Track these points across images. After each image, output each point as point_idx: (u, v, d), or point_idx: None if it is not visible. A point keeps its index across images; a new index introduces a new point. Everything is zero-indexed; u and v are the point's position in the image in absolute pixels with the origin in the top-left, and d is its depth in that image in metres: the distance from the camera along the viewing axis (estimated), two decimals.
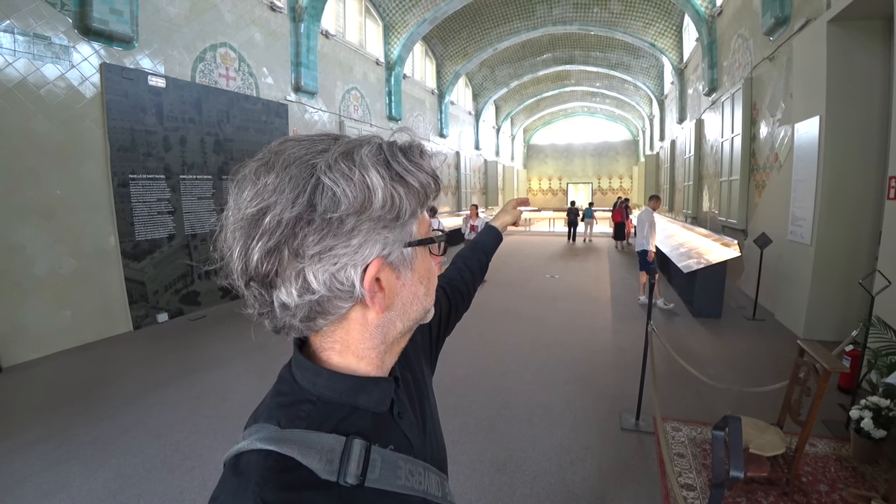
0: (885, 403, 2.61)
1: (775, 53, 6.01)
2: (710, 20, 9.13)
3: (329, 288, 0.45)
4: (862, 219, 4.49)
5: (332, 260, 0.44)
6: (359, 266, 0.46)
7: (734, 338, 4.96)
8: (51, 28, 4.40)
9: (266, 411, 0.51)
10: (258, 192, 0.44)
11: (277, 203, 0.43)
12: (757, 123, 6.82)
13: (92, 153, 4.83)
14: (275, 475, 0.43)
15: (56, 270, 4.55)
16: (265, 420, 0.49)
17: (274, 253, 0.43)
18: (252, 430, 0.49)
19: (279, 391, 0.53)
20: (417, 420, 0.62)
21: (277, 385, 0.55)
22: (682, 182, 12.43)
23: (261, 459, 0.45)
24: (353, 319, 0.50)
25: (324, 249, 0.44)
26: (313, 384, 0.52)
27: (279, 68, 7.64)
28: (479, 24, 13.82)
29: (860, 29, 4.33)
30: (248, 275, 0.46)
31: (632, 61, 16.15)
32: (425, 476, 0.55)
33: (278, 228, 0.43)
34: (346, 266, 0.45)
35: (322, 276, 0.45)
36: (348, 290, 0.46)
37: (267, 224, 0.43)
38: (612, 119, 27.23)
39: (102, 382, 3.84)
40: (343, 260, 0.45)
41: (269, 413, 0.50)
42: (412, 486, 0.52)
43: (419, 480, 0.54)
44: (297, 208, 0.43)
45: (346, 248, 0.44)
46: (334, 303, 0.47)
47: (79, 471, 2.62)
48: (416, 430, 0.60)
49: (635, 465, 2.68)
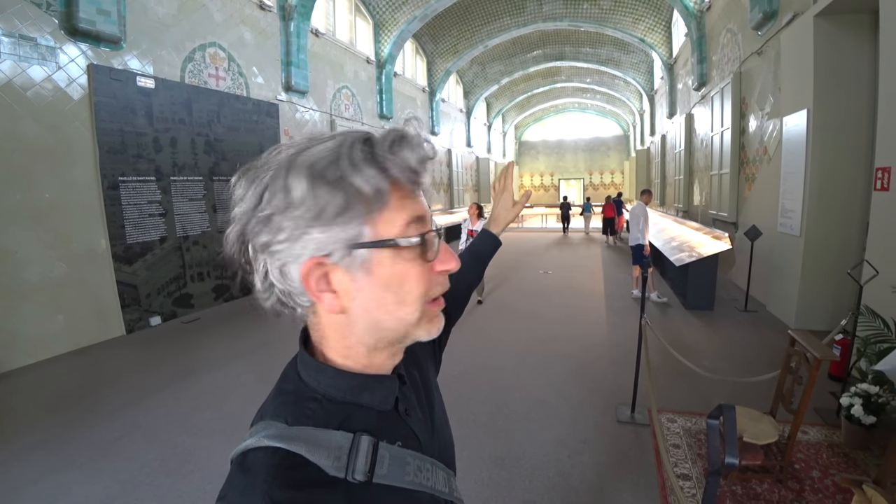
0: (875, 390, 2.67)
1: (763, 48, 6.07)
2: (698, 15, 9.19)
3: (281, 281, 0.49)
4: (850, 210, 4.56)
5: (276, 255, 0.48)
6: (297, 263, 0.47)
7: (727, 329, 5.02)
8: (37, 29, 4.34)
9: (272, 409, 0.51)
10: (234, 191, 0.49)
11: (242, 199, 0.48)
12: (746, 117, 6.89)
13: (81, 156, 4.78)
14: (283, 472, 0.44)
15: (48, 275, 4.51)
16: (272, 417, 0.50)
17: (240, 239, 0.49)
18: (259, 427, 0.49)
19: (284, 389, 0.54)
20: (425, 417, 0.62)
21: (282, 383, 0.55)
22: (673, 176, 12.52)
23: (268, 457, 0.45)
24: (325, 317, 0.52)
25: (267, 243, 0.47)
26: (318, 382, 0.52)
27: (269, 68, 7.59)
28: (469, 22, 13.80)
29: (846, 23, 4.39)
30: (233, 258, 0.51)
31: (622, 57, 16.21)
32: (433, 472, 0.56)
33: (241, 218, 0.48)
34: (287, 262, 0.48)
35: (274, 270, 0.49)
36: (298, 286, 0.49)
37: (236, 212, 0.48)
38: (602, 115, 27.32)
39: (98, 387, 3.81)
40: (282, 256, 0.48)
41: (276, 410, 0.51)
42: (420, 482, 0.52)
43: (427, 476, 0.54)
44: (247, 204, 0.47)
45: (279, 244, 0.47)
46: (294, 297, 0.50)
47: (76, 477, 2.61)
48: (424, 426, 0.60)
49: (632, 457, 2.72)
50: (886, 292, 2.96)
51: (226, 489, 0.45)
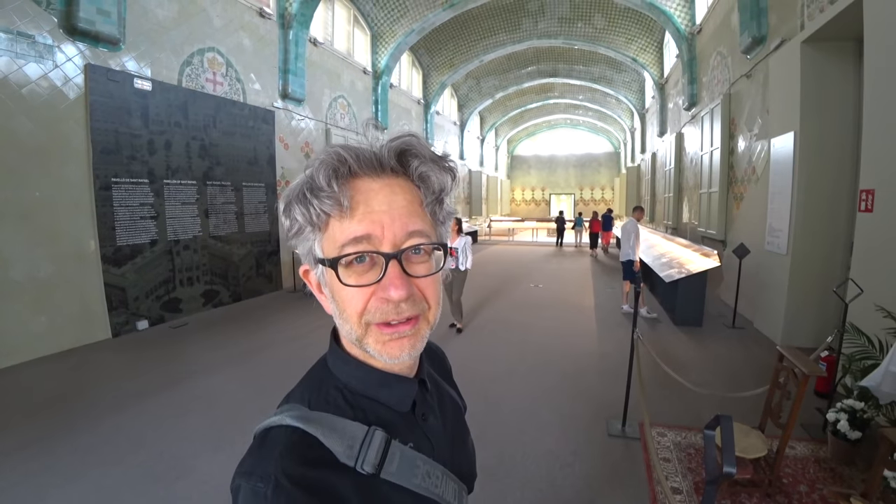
0: (860, 406, 2.72)
1: (752, 71, 6.24)
2: (690, 38, 9.44)
3: None
4: (835, 230, 4.67)
5: None
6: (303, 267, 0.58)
7: (715, 345, 5.08)
8: (35, 26, 4.32)
9: (300, 391, 0.56)
10: None
11: None
12: (735, 137, 7.05)
13: (74, 155, 4.73)
14: (297, 449, 0.47)
15: (34, 275, 4.43)
16: (297, 400, 0.54)
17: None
18: (285, 407, 0.53)
19: (313, 374, 0.58)
20: (444, 427, 0.63)
21: (312, 369, 0.60)
22: (663, 193, 12.72)
23: (287, 434, 0.49)
24: None
25: None
26: (342, 372, 0.56)
27: (267, 74, 7.61)
28: (465, 36, 14.01)
29: (832, 50, 4.54)
30: None
31: (614, 75, 16.54)
32: (443, 481, 0.56)
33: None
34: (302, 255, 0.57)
35: None
36: None
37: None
38: (594, 131, 27.74)
39: (82, 390, 3.73)
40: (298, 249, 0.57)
41: (302, 393, 0.55)
42: (428, 487, 0.53)
43: (436, 483, 0.54)
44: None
45: None
46: None
47: (57, 482, 2.54)
48: (441, 436, 0.61)
49: (623, 471, 2.72)
50: (871, 310, 3.02)
51: (245, 458, 0.49)
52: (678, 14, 9.53)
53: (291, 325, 5.75)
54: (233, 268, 6.90)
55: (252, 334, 5.30)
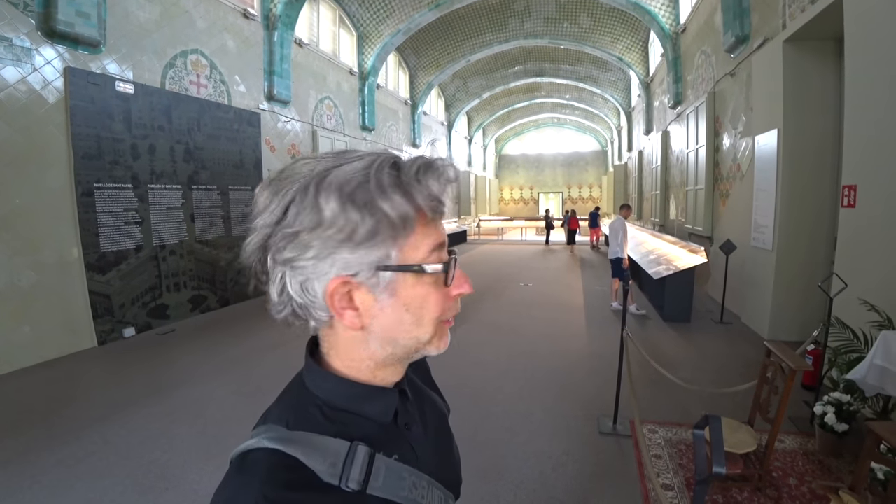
0: (847, 399, 2.76)
1: (736, 70, 6.33)
2: (674, 37, 9.54)
3: (301, 295, 0.49)
4: (819, 225, 4.75)
5: (299, 270, 0.48)
6: (322, 280, 0.48)
7: (704, 341, 5.13)
8: (12, 29, 4.22)
9: (276, 412, 0.53)
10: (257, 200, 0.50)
11: (265, 210, 0.49)
12: (720, 135, 7.14)
13: (55, 160, 4.63)
14: (278, 473, 0.45)
15: (14, 284, 4.32)
16: (274, 421, 0.51)
17: (261, 251, 0.49)
18: (261, 429, 0.50)
19: (289, 394, 0.56)
20: (427, 435, 0.62)
21: (289, 387, 0.57)
22: (650, 191, 12.84)
23: (266, 458, 0.46)
24: (339, 330, 0.53)
25: (291, 258, 0.48)
26: (321, 389, 0.53)
27: (252, 76, 7.53)
28: (452, 36, 14.02)
29: (813, 49, 4.62)
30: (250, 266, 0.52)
31: (600, 74, 16.66)
32: (429, 491, 0.55)
33: (263, 229, 0.48)
34: (310, 279, 0.48)
35: (294, 284, 0.49)
36: (319, 301, 0.49)
37: (258, 223, 0.49)
38: (581, 130, 27.93)
39: (66, 401, 3.65)
40: (306, 272, 0.48)
41: (280, 414, 0.52)
42: (415, 498, 0.52)
43: (422, 494, 0.54)
44: (270, 216, 0.48)
45: (305, 260, 0.48)
46: (311, 311, 0.50)
47: (43, 497, 2.48)
48: (424, 443, 0.60)
49: (615, 468, 2.74)
50: (855, 304, 3.08)
51: (222, 486, 0.46)
52: (662, 14, 9.62)
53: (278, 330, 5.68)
54: (220, 272, 6.81)
55: (240, 340, 5.24)
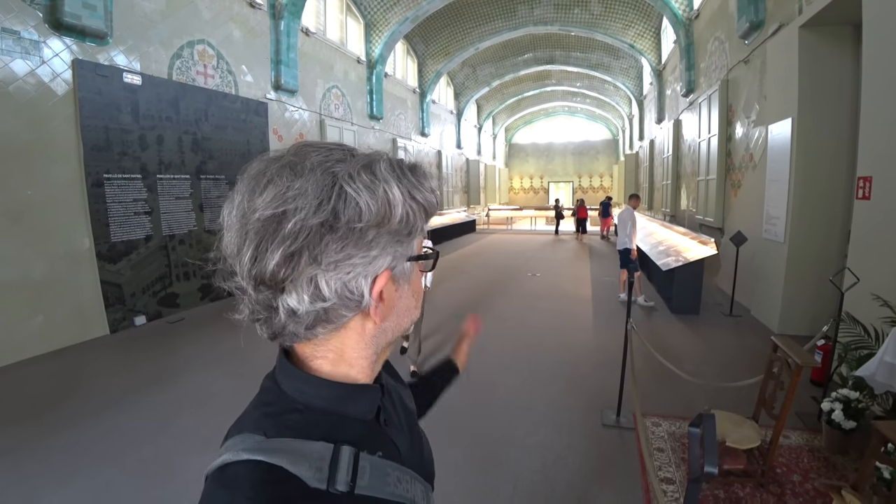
0: (855, 396, 2.72)
1: (750, 56, 6.16)
2: (687, 23, 9.31)
3: (339, 296, 0.46)
4: (832, 218, 4.65)
5: (347, 269, 0.45)
6: (369, 276, 0.47)
7: (711, 334, 5.08)
8: (20, 22, 4.25)
9: (251, 422, 0.50)
10: (279, 194, 0.43)
11: (301, 208, 0.43)
12: (733, 124, 6.99)
13: (64, 152, 4.68)
14: (267, 487, 0.43)
15: (27, 274, 4.40)
16: (251, 431, 0.48)
17: (294, 258, 0.43)
18: (235, 441, 0.47)
19: (264, 401, 0.53)
20: (403, 428, 0.62)
21: (261, 395, 0.54)
22: (661, 181, 12.66)
23: (249, 471, 0.44)
24: (352, 329, 0.51)
25: (344, 258, 0.45)
26: (301, 392, 0.51)
27: (258, 66, 7.52)
28: (460, 24, 13.83)
29: (830, 34, 4.47)
30: (260, 278, 0.45)
31: (612, 62, 16.36)
32: (412, 484, 0.55)
33: (302, 233, 0.43)
34: (358, 276, 0.46)
35: (335, 284, 0.45)
36: (356, 299, 0.47)
37: (290, 228, 0.43)
38: (592, 119, 27.55)
39: (76, 389, 3.73)
40: (357, 270, 0.46)
41: (255, 424, 0.49)
42: (400, 493, 0.52)
43: (407, 488, 0.53)
44: (321, 215, 0.43)
45: (363, 258, 0.46)
46: (339, 311, 0.47)
47: (51, 481, 2.55)
48: (404, 437, 0.60)
49: (617, 462, 2.73)
50: (867, 299, 3.01)
51: None
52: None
53: None
54: None
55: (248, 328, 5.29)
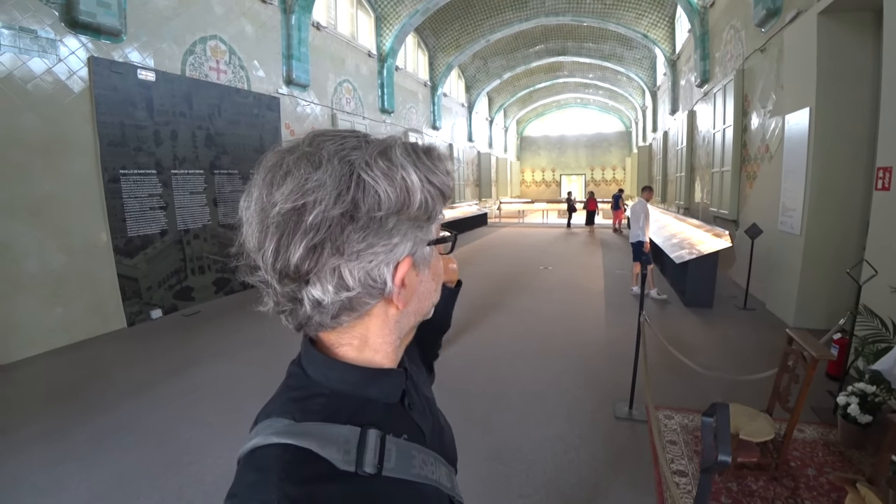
0: (872, 389, 2.67)
1: (767, 45, 6.03)
2: (702, 11, 9.13)
3: (363, 285, 0.46)
4: (850, 209, 4.55)
5: (369, 258, 0.45)
6: (391, 264, 0.47)
7: (725, 327, 5.03)
8: (37, 21, 4.32)
9: (279, 407, 0.51)
10: (298, 186, 0.43)
11: (321, 200, 0.42)
12: (748, 115, 6.86)
13: (81, 148, 4.77)
14: (296, 468, 0.44)
15: (47, 268, 4.52)
16: (279, 415, 0.49)
17: (317, 250, 0.44)
18: (264, 425, 0.49)
19: (290, 386, 0.54)
20: (426, 412, 0.62)
21: (288, 381, 0.55)
22: (675, 173, 12.49)
23: (279, 453, 0.45)
24: (375, 315, 0.51)
25: (366, 247, 0.45)
26: (326, 377, 0.52)
27: (270, 61, 7.56)
28: (471, 16, 13.73)
29: (850, 21, 4.36)
30: (284, 272, 0.45)
31: (625, 52, 16.12)
32: (437, 466, 0.56)
33: (323, 225, 0.43)
34: (381, 264, 0.46)
35: (358, 274, 0.45)
36: (380, 287, 0.47)
37: (311, 221, 0.43)
38: (604, 110, 27.22)
39: (97, 380, 3.83)
40: (379, 258, 0.46)
41: (283, 408, 0.50)
42: (426, 475, 0.53)
43: (432, 470, 0.54)
44: (341, 206, 0.43)
45: (384, 246, 0.46)
46: (363, 300, 0.48)
47: (75, 469, 2.63)
48: (427, 420, 0.61)
49: (629, 454, 2.73)
50: (885, 292, 2.96)
51: (236, 488, 0.44)
52: None
53: None
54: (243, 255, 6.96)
55: (262, 320, 5.37)
